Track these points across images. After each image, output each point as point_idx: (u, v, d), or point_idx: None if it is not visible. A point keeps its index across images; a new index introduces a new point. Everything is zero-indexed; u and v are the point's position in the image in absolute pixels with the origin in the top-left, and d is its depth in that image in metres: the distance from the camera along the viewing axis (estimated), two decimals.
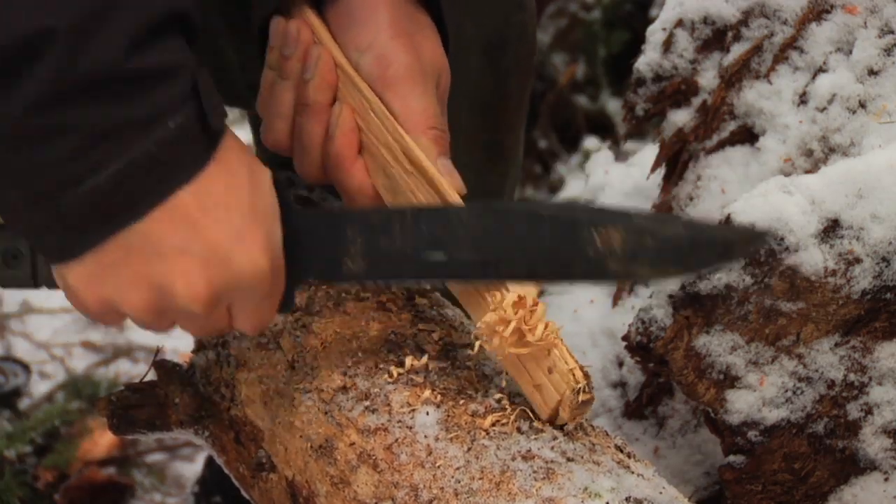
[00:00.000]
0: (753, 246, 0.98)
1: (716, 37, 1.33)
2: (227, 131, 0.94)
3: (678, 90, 1.34)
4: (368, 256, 0.99)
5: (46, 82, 0.83)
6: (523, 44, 1.47)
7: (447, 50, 1.11)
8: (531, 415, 0.96)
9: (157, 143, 0.87)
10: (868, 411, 1.07)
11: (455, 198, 1.01)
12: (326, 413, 1.02)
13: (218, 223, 0.92)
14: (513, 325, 0.93)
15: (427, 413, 0.97)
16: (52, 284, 1.01)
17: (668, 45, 1.34)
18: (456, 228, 0.98)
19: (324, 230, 1.00)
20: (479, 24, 1.40)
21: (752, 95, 1.26)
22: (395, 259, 0.98)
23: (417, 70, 1.05)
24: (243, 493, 1.14)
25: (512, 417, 0.95)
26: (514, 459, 0.92)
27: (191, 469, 2.09)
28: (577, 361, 0.94)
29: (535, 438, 0.94)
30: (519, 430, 0.95)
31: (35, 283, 1.04)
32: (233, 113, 1.20)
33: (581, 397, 0.94)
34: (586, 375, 0.94)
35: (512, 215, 0.97)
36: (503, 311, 0.94)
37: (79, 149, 0.86)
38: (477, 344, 0.97)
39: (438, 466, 0.93)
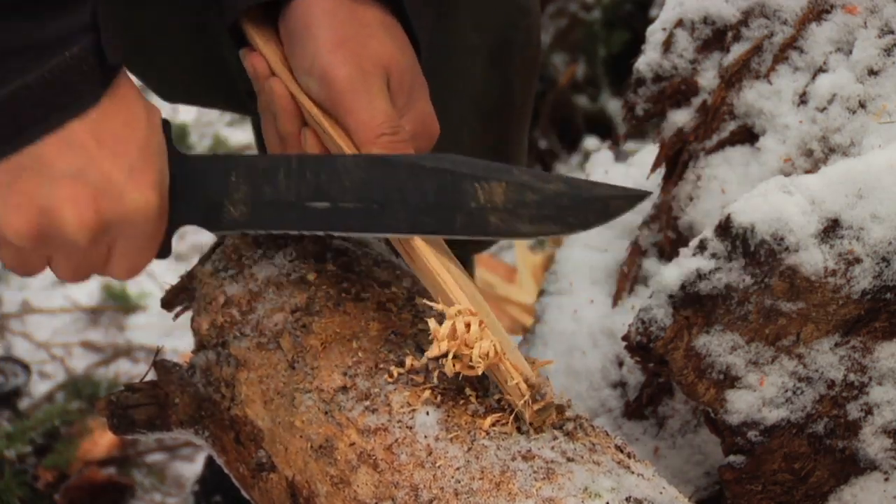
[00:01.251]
0: (632, 204, 0.97)
1: (716, 37, 1.32)
2: (124, 74, 0.94)
3: (678, 90, 1.34)
4: (251, 203, 0.99)
5: None
6: (528, 48, 1.47)
7: (416, 30, 1.09)
8: None
9: (52, 70, 0.88)
10: (868, 411, 1.07)
11: None
12: (326, 413, 1.02)
13: (113, 156, 0.92)
14: (451, 354, 0.94)
15: (427, 413, 0.97)
16: None
17: (668, 45, 1.34)
18: (340, 178, 0.98)
19: (208, 175, 1.00)
20: (484, 30, 1.40)
21: (752, 95, 1.26)
22: (279, 207, 0.99)
23: (358, 78, 1.04)
24: (243, 493, 1.14)
25: (512, 417, 0.95)
26: (514, 459, 0.92)
27: (191, 469, 2.09)
28: (521, 373, 0.94)
29: (535, 438, 0.94)
30: (519, 430, 0.95)
31: None
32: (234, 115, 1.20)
33: (534, 406, 0.94)
34: (531, 386, 0.94)
35: (396, 167, 0.98)
36: (438, 346, 0.94)
37: None
38: (436, 372, 0.98)
39: (438, 466, 0.93)
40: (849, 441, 1.08)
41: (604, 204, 0.94)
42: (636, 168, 1.61)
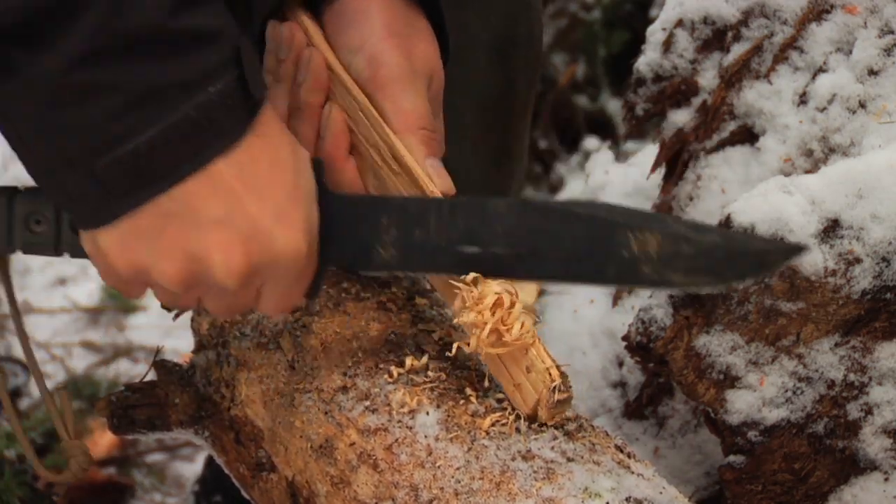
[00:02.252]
0: (788, 258, 0.96)
1: (716, 37, 1.33)
2: (268, 106, 0.93)
3: (678, 90, 1.34)
4: (401, 246, 0.98)
5: (88, 38, 0.82)
6: (531, 44, 1.47)
7: (447, 51, 1.11)
8: None
9: (198, 107, 0.86)
10: (868, 411, 1.07)
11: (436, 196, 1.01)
12: (326, 413, 1.02)
13: (262, 199, 0.91)
14: (489, 326, 0.93)
15: (427, 413, 0.97)
16: (74, 251, 0.99)
17: (668, 45, 1.34)
18: (492, 223, 0.96)
19: (358, 216, 0.99)
20: (486, 25, 1.40)
21: (752, 95, 1.26)
22: (429, 251, 0.97)
23: (408, 71, 1.04)
24: (243, 493, 1.14)
25: (512, 417, 0.95)
26: (514, 459, 0.92)
27: (191, 469, 2.09)
28: (553, 360, 0.94)
29: (535, 438, 0.94)
30: (518, 430, 0.95)
31: (56, 249, 1.01)
32: None
33: (557, 396, 0.93)
34: (562, 374, 0.94)
35: (549, 212, 0.96)
36: (480, 313, 0.93)
37: (118, 110, 0.84)
38: (455, 346, 0.97)
39: (438, 466, 0.93)
40: (849, 441, 1.08)
41: (759, 258, 0.93)
42: (636, 168, 1.61)
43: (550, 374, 0.93)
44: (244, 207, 0.90)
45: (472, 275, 0.95)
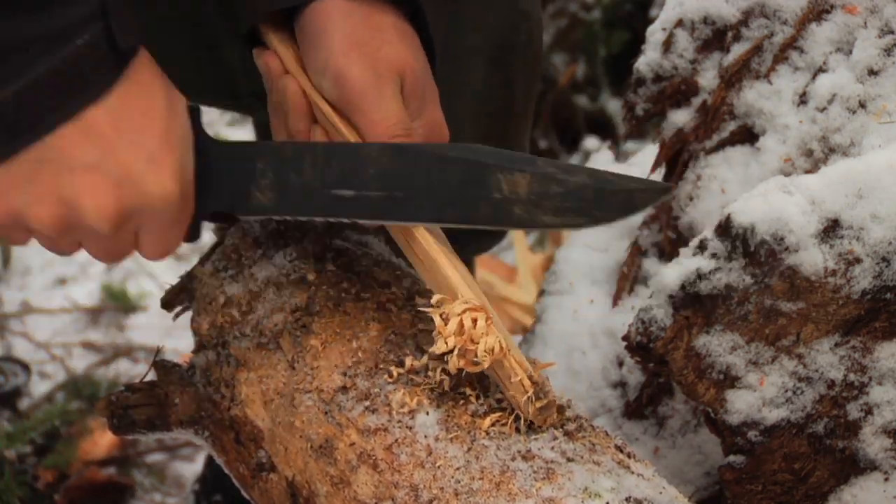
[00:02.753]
0: (657, 197, 0.97)
1: (716, 37, 1.32)
2: (143, 54, 0.95)
3: (678, 90, 1.34)
4: (277, 190, 1.00)
5: None
6: (529, 53, 1.47)
7: (431, 37, 1.10)
8: None
9: (64, 59, 0.88)
10: (868, 411, 1.07)
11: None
12: (326, 413, 1.02)
13: (132, 144, 0.93)
14: (455, 351, 0.94)
15: (427, 413, 0.97)
16: None
17: (668, 45, 1.34)
18: (365, 166, 0.99)
19: (234, 161, 1.01)
20: (483, 34, 1.40)
21: (752, 95, 1.26)
22: (304, 193, 0.99)
23: (371, 80, 1.05)
24: (243, 493, 1.14)
25: (511, 418, 0.95)
26: (514, 459, 0.92)
27: (191, 469, 2.09)
28: (525, 369, 0.94)
29: (535, 438, 0.94)
30: (518, 430, 0.95)
31: None
32: (224, 117, 1.20)
33: (535, 405, 0.94)
34: (535, 383, 0.94)
35: (421, 156, 0.98)
36: (445, 341, 0.94)
37: None
38: (438, 371, 0.97)
39: (438, 466, 0.93)
40: (849, 441, 1.08)
41: (629, 196, 0.94)
42: (636, 168, 1.61)
43: (523, 386, 0.93)
44: (115, 152, 0.92)
45: (436, 297, 0.96)
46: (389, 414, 0.98)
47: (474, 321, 0.94)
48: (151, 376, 1.18)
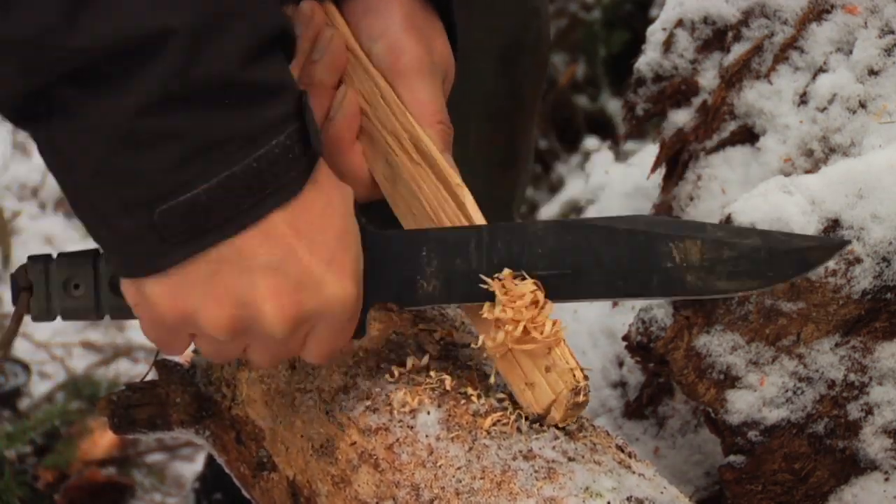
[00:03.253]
0: (832, 253, 0.95)
1: (716, 37, 1.33)
2: (322, 161, 0.93)
3: (678, 90, 1.34)
4: (444, 277, 0.97)
5: (160, 84, 0.81)
6: (538, 50, 1.47)
7: (455, 54, 1.11)
8: None
9: (260, 160, 0.85)
10: (868, 411, 1.07)
11: (463, 190, 1.00)
12: (327, 413, 1.02)
13: (313, 246, 0.90)
14: (523, 322, 0.93)
15: (428, 413, 0.97)
16: (115, 312, 0.99)
17: (668, 45, 1.34)
18: (532, 245, 0.96)
19: (399, 251, 0.98)
20: (494, 31, 1.40)
21: (752, 95, 1.26)
22: (472, 279, 0.97)
23: (427, 63, 1.04)
24: (244, 492, 1.14)
25: (513, 417, 0.95)
26: (515, 459, 0.92)
27: (191, 469, 2.09)
28: (578, 362, 0.94)
29: (536, 438, 0.94)
30: (520, 429, 0.95)
31: (97, 312, 1.01)
32: None
33: (578, 398, 0.94)
34: (586, 377, 0.94)
35: (588, 230, 0.96)
36: (517, 310, 0.93)
37: (182, 158, 0.83)
38: (481, 338, 0.96)
39: (440, 466, 0.93)
40: (849, 441, 1.08)
41: (801, 256, 0.93)
42: (636, 168, 1.61)
43: (574, 376, 0.93)
44: (296, 255, 0.89)
45: (506, 271, 0.95)
46: (391, 413, 0.98)
47: (545, 303, 0.94)
48: (152, 376, 1.18)
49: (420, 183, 1.02)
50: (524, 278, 0.95)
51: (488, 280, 0.95)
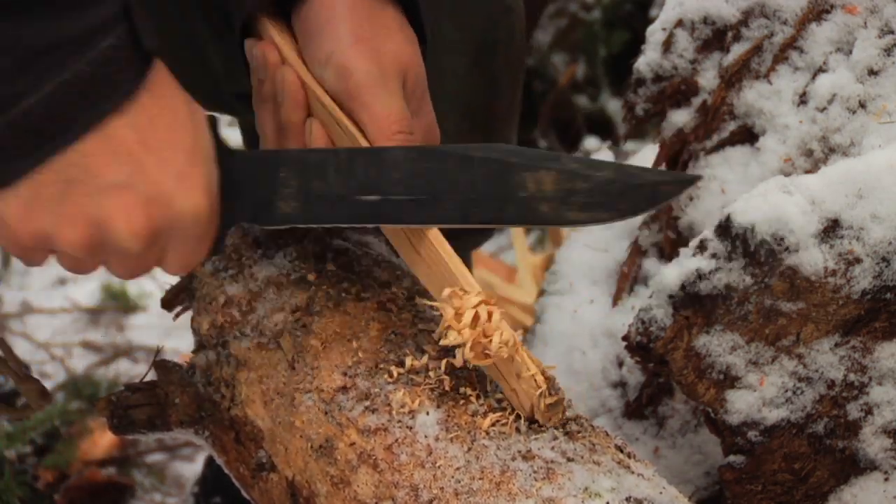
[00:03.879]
0: (682, 189, 0.96)
1: (716, 37, 1.32)
2: (161, 66, 0.93)
3: (678, 90, 1.34)
4: (302, 199, 0.99)
5: None
6: (512, 47, 1.46)
7: (425, 40, 1.10)
8: None
9: (90, 63, 0.86)
10: (868, 411, 1.07)
11: None
12: (327, 413, 1.02)
13: (162, 161, 0.91)
14: (469, 343, 0.93)
15: (427, 413, 0.97)
16: None
17: (668, 45, 1.34)
18: (390, 170, 0.98)
19: (258, 172, 1.00)
20: (463, 28, 1.40)
21: (752, 95, 1.26)
22: (330, 201, 0.98)
23: (377, 75, 1.04)
24: (243, 493, 1.14)
25: (511, 417, 0.95)
26: (514, 459, 0.92)
27: (191, 469, 2.09)
28: (538, 365, 0.94)
29: (536, 438, 0.94)
30: (518, 430, 0.95)
31: None
32: (224, 118, 1.19)
33: (546, 400, 0.94)
34: (548, 378, 0.94)
35: (446, 158, 0.97)
36: (460, 332, 0.93)
37: (9, 70, 0.84)
38: (443, 363, 0.97)
39: (438, 466, 0.93)
40: (849, 441, 1.08)
41: (654, 189, 0.94)
42: None
43: (536, 381, 0.93)
44: (145, 170, 0.90)
45: (447, 290, 0.95)
46: (390, 414, 0.98)
47: (489, 315, 0.94)
48: (151, 376, 1.18)
49: None
50: (466, 293, 0.95)
51: (436, 304, 0.96)
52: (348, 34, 1.05)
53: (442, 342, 0.95)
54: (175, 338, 2.21)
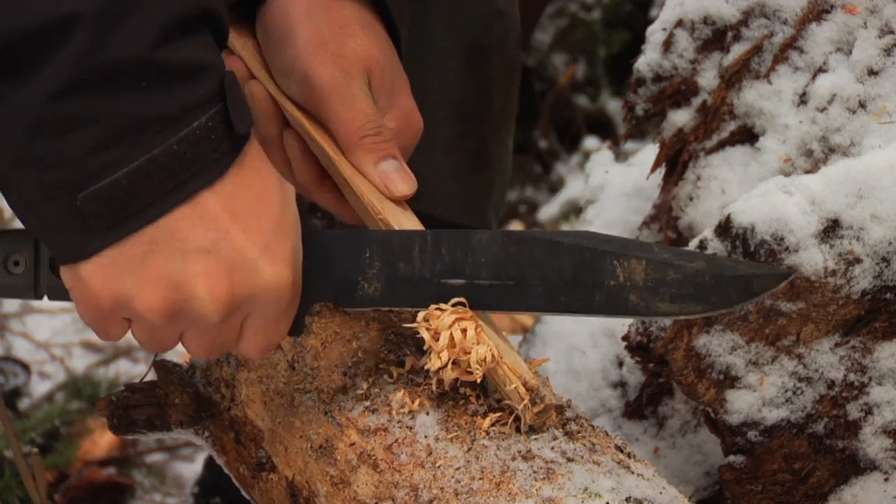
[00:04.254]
0: (777, 283, 0.95)
1: (716, 37, 1.32)
2: (254, 142, 0.92)
3: (678, 90, 1.34)
4: (386, 280, 0.97)
5: (70, 69, 0.81)
6: (506, 52, 1.46)
7: (395, 24, 1.09)
8: None
9: (181, 142, 0.85)
10: (868, 411, 1.07)
11: (391, 211, 1.01)
12: (326, 413, 1.02)
13: (248, 230, 0.89)
14: (448, 365, 0.93)
15: (427, 413, 0.97)
16: (53, 294, 0.99)
17: (668, 45, 1.34)
18: (476, 254, 0.96)
19: (342, 251, 0.98)
20: (456, 33, 1.39)
21: (752, 95, 1.26)
22: (413, 283, 0.97)
23: (339, 79, 1.04)
24: (243, 493, 1.14)
25: (511, 418, 0.95)
26: (513, 459, 0.92)
27: (191, 469, 2.09)
28: (519, 376, 0.93)
29: (535, 438, 0.94)
30: (518, 430, 0.95)
31: (35, 292, 1.00)
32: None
33: (533, 409, 0.93)
34: (529, 389, 0.93)
35: (533, 242, 0.96)
36: (438, 356, 0.93)
37: (100, 142, 0.83)
38: (435, 381, 0.97)
39: (438, 466, 0.93)
40: (849, 441, 1.08)
41: (747, 283, 0.92)
42: (636, 168, 1.61)
43: (519, 392, 0.93)
44: (230, 237, 0.89)
45: (421, 312, 0.95)
46: (389, 414, 0.98)
47: (464, 331, 0.93)
48: (151, 376, 1.18)
49: (360, 210, 1.04)
50: (443, 310, 0.95)
51: (413, 326, 0.95)
52: (307, 41, 1.04)
53: (427, 367, 0.95)
54: None
